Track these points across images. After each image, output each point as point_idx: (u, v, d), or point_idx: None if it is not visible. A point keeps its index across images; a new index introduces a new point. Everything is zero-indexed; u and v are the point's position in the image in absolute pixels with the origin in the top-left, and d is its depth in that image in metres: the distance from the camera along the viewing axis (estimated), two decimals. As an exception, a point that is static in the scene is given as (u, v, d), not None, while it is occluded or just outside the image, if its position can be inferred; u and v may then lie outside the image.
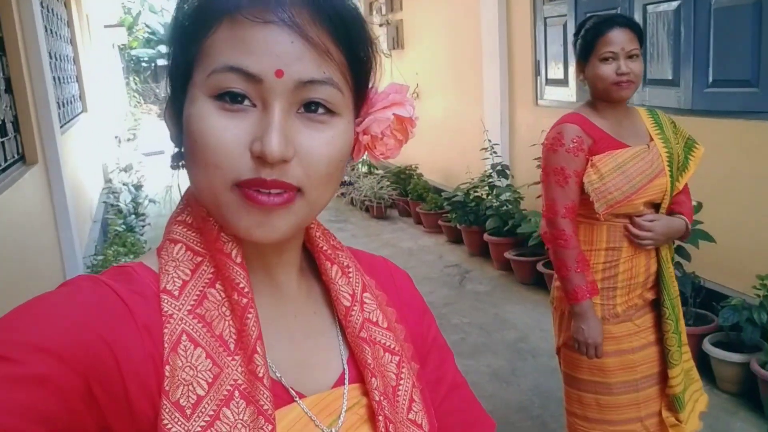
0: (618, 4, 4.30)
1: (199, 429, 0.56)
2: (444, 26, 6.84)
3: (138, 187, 7.94)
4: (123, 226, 5.95)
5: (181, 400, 0.57)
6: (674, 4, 3.84)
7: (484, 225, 5.40)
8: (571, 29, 4.73)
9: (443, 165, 7.21)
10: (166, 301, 0.60)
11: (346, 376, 0.70)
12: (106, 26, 15.07)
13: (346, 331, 0.72)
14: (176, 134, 0.67)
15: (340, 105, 0.63)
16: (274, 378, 0.65)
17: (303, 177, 0.61)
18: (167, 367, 0.57)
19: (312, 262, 0.75)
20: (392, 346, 0.73)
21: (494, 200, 5.46)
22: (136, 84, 26.76)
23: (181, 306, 0.60)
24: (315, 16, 0.60)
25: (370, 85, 0.69)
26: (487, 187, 5.59)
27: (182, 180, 0.69)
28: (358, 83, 0.66)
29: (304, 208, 0.63)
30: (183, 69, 0.63)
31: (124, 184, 7.99)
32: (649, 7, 4.07)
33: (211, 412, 0.57)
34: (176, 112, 0.65)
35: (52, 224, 4.13)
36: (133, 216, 6.56)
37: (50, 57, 5.23)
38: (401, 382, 0.72)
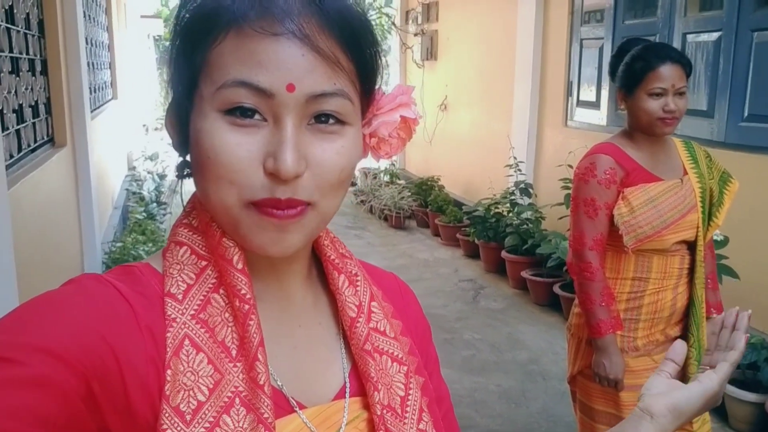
0: (657, 32, 4.26)
1: None
2: (478, 40, 6.83)
3: (162, 176, 7.99)
4: (144, 214, 5.99)
5: (182, 406, 0.56)
6: (714, 35, 3.80)
7: (503, 242, 5.36)
8: (608, 52, 4.70)
9: (466, 178, 7.18)
10: (169, 304, 0.60)
11: (347, 389, 0.70)
12: (142, 16, 15.27)
13: (350, 343, 0.71)
14: (179, 142, 0.66)
15: (350, 114, 0.62)
16: (275, 387, 0.64)
17: (315, 190, 0.61)
18: (169, 372, 0.57)
19: (321, 271, 0.74)
20: (399, 356, 0.72)
21: (515, 218, 5.43)
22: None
23: (184, 310, 0.60)
24: (324, 25, 0.59)
25: (376, 89, 0.68)
26: (508, 204, 5.56)
27: (186, 188, 0.69)
28: (366, 89, 0.65)
29: (316, 218, 0.63)
30: (187, 78, 0.61)
31: (148, 173, 8.04)
32: (689, 37, 4.03)
33: (211, 419, 0.57)
34: (180, 119, 0.64)
35: (74, 208, 4.16)
36: (155, 204, 6.60)
37: (86, 42, 5.29)
38: (410, 392, 0.71)
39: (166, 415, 0.56)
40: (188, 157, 0.66)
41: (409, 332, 0.77)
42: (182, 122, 0.64)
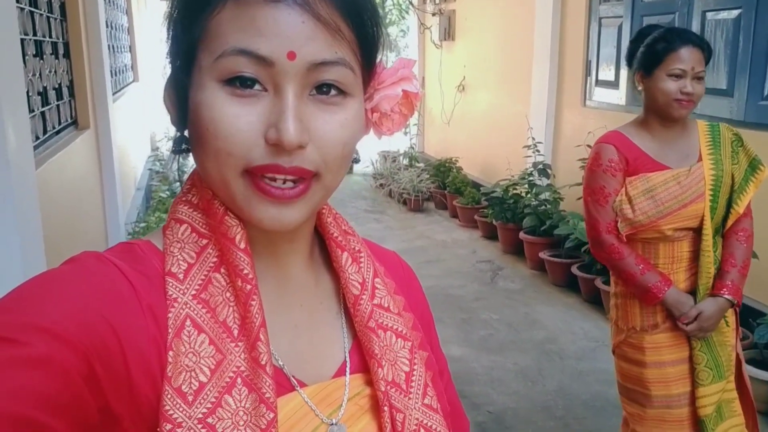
0: (677, 10, 4.21)
1: (200, 415, 0.56)
2: (496, 19, 6.79)
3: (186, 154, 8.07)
4: (167, 193, 6.08)
5: (183, 387, 0.56)
6: (734, 13, 3.76)
7: (521, 223, 5.37)
8: (627, 31, 4.66)
9: (483, 160, 7.17)
10: (171, 284, 0.60)
11: (347, 366, 0.70)
12: (161, -1, 15.28)
13: (354, 320, 0.71)
14: (178, 118, 0.64)
15: (352, 85, 0.61)
16: (276, 366, 0.64)
17: (320, 161, 0.60)
18: (170, 353, 0.57)
19: (324, 249, 0.74)
20: (404, 331, 0.72)
21: (533, 199, 5.43)
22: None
23: (185, 290, 0.60)
24: None
25: (378, 61, 0.67)
26: (526, 185, 5.56)
27: (183, 164, 0.69)
28: (367, 60, 0.64)
29: (320, 192, 0.62)
30: (186, 50, 0.60)
31: (171, 152, 8.13)
32: (709, 14, 3.98)
33: (213, 399, 0.57)
34: (179, 94, 0.63)
35: (98, 189, 4.24)
36: (178, 183, 6.68)
37: (107, 26, 5.35)
38: (415, 367, 0.71)
39: (168, 396, 0.55)
40: (186, 133, 0.65)
41: (411, 307, 0.77)
42: (181, 97, 0.63)
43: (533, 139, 5.54)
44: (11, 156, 1.95)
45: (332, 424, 0.65)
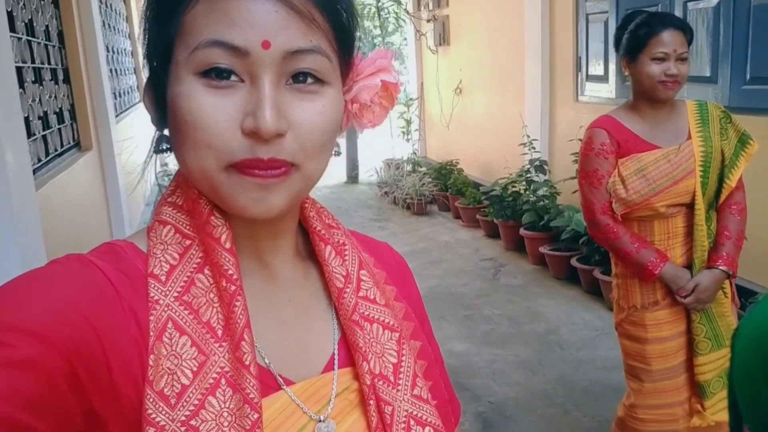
0: (659, 1, 4.29)
1: (183, 418, 0.56)
2: (488, 22, 6.88)
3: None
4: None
5: (165, 390, 0.56)
6: (714, 1, 3.83)
7: (521, 220, 5.44)
8: (613, 26, 4.73)
9: (483, 160, 7.26)
10: (153, 286, 0.59)
11: (335, 361, 0.69)
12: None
13: (338, 314, 0.70)
14: (158, 117, 0.65)
15: (329, 73, 0.61)
16: (262, 365, 0.64)
17: (298, 151, 0.60)
18: (151, 357, 0.57)
19: (310, 244, 0.74)
20: (391, 323, 0.71)
21: (531, 195, 5.50)
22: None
23: (167, 292, 0.59)
24: None
25: (355, 53, 0.67)
26: (524, 183, 5.63)
27: (157, 165, 0.69)
28: (344, 50, 0.64)
29: (300, 181, 0.62)
30: (162, 48, 0.61)
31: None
32: (690, 4, 4.05)
33: (196, 401, 0.56)
34: (157, 92, 0.64)
35: (104, 206, 4.38)
36: (158, 188, 6.82)
37: (107, 50, 5.51)
38: (403, 359, 0.70)
39: (150, 399, 0.55)
40: (167, 132, 0.65)
41: (404, 297, 0.77)
42: (159, 95, 0.63)
43: (528, 136, 5.62)
44: (11, 178, 2.07)
45: (320, 420, 0.64)
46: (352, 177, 9.38)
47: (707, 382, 2.20)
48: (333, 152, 0.67)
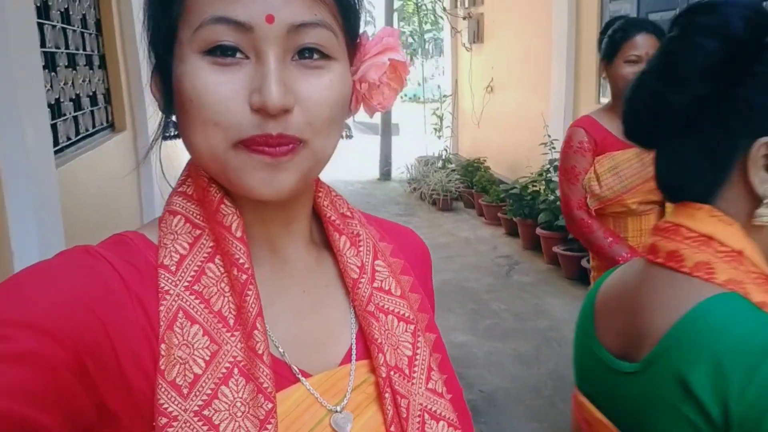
0: (678, 5, 4.31)
1: (196, 408, 0.55)
2: (520, 20, 6.94)
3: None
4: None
5: (178, 379, 0.55)
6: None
7: (538, 219, 5.51)
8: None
9: (510, 158, 7.32)
10: (163, 276, 0.59)
11: (353, 353, 0.68)
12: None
13: (354, 305, 0.69)
14: (165, 103, 0.64)
15: (334, 48, 0.61)
16: (277, 356, 0.63)
17: (306, 126, 0.59)
18: (163, 346, 0.56)
19: (323, 232, 0.72)
20: (406, 314, 0.70)
21: (549, 194, 5.57)
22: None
23: (178, 282, 0.59)
24: None
25: (361, 31, 0.67)
26: (543, 182, 5.70)
27: (166, 155, 0.69)
28: (349, 26, 0.63)
29: (310, 159, 0.60)
30: (166, 30, 0.60)
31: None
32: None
33: (209, 391, 0.56)
34: (163, 76, 0.63)
35: (135, 185, 4.64)
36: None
37: (147, 38, 5.80)
38: (418, 351, 0.69)
39: (162, 389, 0.55)
40: (174, 118, 0.64)
41: (421, 286, 0.75)
42: (166, 81, 0.62)
43: (549, 136, 5.68)
44: (31, 154, 2.30)
45: (337, 411, 0.63)
46: (384, 174, 9.54)
47: None
48: (343, 134, 0.66)
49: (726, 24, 0.78)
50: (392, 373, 0.66)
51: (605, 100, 5.33)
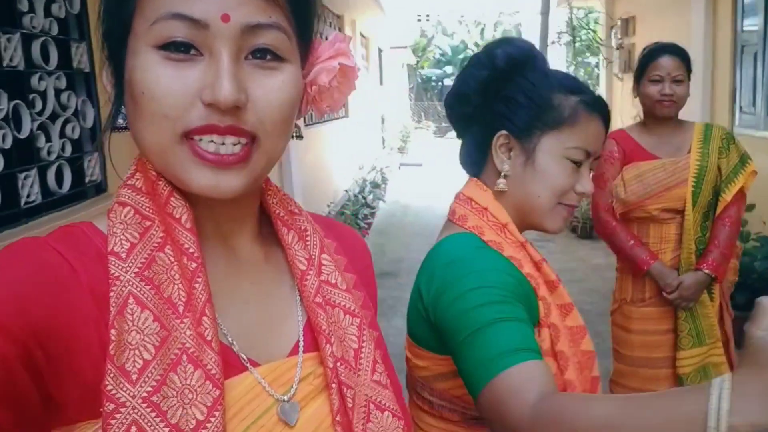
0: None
1: (145, 394, 0.54)
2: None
3: (376, 185, 9.22)
4: (350, 212, 7.21)
5: (127, 365, 0.55)
6: None
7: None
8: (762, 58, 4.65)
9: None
10: (113, 263, 0.58)
11: (301, 345, 0.69)
12: (392, 47, 17.12)
13: (302, 296, 0.70)
14: (115, 95, 0.65)
15: (288, 50, 0.62)
16: (226, 344, 0.63)
17: (257, 123, 0.60)
18: (113, 331, 0.55)
19: (272, 228, 0.74)
20: (352, 308, 0.72)
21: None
22: (423, 100, 29.27)
23: (128, 268, 0.58)
24: None
25: (314, 34, 0.68)
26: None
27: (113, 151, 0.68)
28: (302, 30, 0.65)
29: (261, 159, 0.62)
30: (121, 22, 0.61)
31: (365, 180, 9.37)
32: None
33: (158, 377, 0.55)
34: (116, 68, 0.63)
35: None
36: (362, 206, 7.81)
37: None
38: (363, 344, 0.70)
39: (111, 375, 0.54)
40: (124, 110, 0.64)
41: (363, 285, 0.77)
42: (119, 73, 0.63)
43: (678, 165, 5.61)
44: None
45: (284, 401, 0.64)
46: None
47: (686, 375, 2.45)
48: (293, 134, 0.67)
49: (492, 59, 1.13)
50: (339, 364, 0.67)
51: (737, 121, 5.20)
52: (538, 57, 1.16)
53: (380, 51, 14.62)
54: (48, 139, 2.30)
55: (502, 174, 1.12)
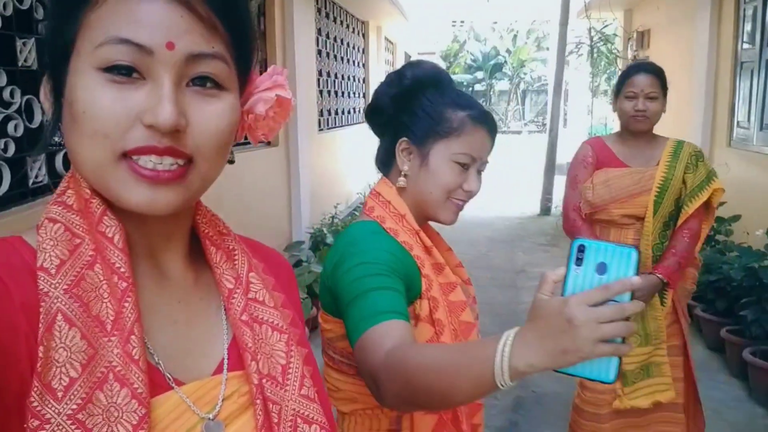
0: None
1: (70, 411, 0.55)
2: (679, 65, 6.96)
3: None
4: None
5: (53, 382, 0.55)
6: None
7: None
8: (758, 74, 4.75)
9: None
10: (42, 278, 0.58)
11: (225, 363, 0.70)
12: (420, 53, 17.33)
13: (228, 314, 0.71)
14: (54, 110, 0.65)
15: (228, 80, 0.64)
16: (153, 363, 0.64)
17: (194, 147, 0.62)
18: (41, 348, 0.55)
19: (201, 250, 0.75)
20: (280, 324, 0.73)
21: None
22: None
23: (57, 284, 0.58)
24: None
25: (252, 65, 0.70)
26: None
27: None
28: (242, 61, 0.67)
29: (197, 181, 0.64)
30: (64, 41, 0.61)
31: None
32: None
33: (84, 395, 0.55)
34: (55, 85, 0.64)
35: (285, 196, 5.65)
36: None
37: (320, 74, 6.93)
38: (291, 359, 0.71)
39: (37, 391, 0.54)
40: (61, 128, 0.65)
41: (291, 304, 0.78)
42: (58, 91, 0.63)
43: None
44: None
45: (209, 419, 0.65)
46: (545, 210, 9.79)
47: (629, 372, 2.58)
48: (227, 159, 0.69)
49: (401, 79, 1.34)
50: (264, 380, 0.68)
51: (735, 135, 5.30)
52: (442, 78, 1.35)
53: (407, 56, 14.85)
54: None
55: (403, 173, 1.32)
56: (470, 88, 29.79)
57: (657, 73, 2.56)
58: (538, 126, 26.95)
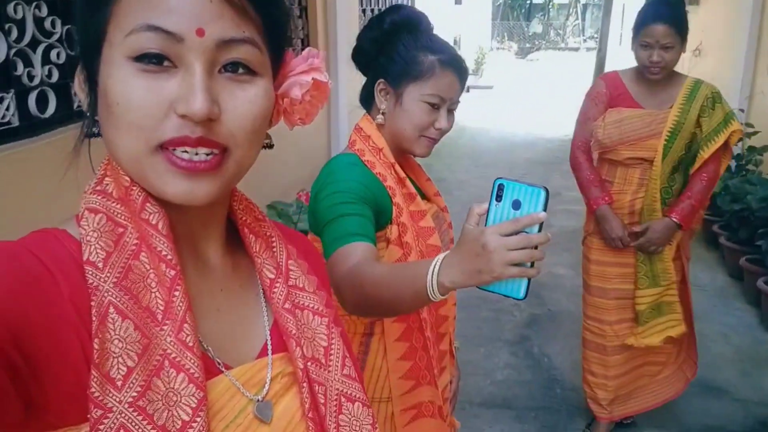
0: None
1: (130, 399, 0.56)
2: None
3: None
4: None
5: (112, 372, 0.56)
6: None
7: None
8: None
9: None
10: (91, 273, 0.59)
11: (269, 347, 0.72)
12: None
13: (271, 303, 0.73)
14: (90, 101, 0.65)
15: (260, 65, 0.63)
16: (202, 349, 0.65)
17: (229, 135, 0.61)
18: (96, 340, 0.56)
19: (237, 235, 0.75)
20: (320, 309, 0.75)
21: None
22: (509, 19, 28.39)
23: (106, 278, 0.59)
24: None
25: (287, 48, 0.70)
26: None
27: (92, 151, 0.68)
28: (274, 44, 0.66)
29: (232, 168, 0.63)
30: (95, 31, 0.61)
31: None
32: None
33: (143, 382, 0.57)
34: (89, 76, 0.64)
35: (325, 127, 5.79)
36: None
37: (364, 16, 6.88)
38: (332, 341, 0.74)
39: (97, 381, 0.55)
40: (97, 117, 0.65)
41: (323, 286, 0.81)
42: (92, 80, 0.64)
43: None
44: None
45: (259, 400, 0.68)
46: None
47: (641, 312, 2.70)
48: (265, 143, 0.69)
49: (381, 23, 1.43)
50: (309, 363, 0.71)
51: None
52: (418, 22, 1.45)
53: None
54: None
55: (381, 111, 1.45)
56: (528, 2, 28.65)
57: (673, 21, 2.44)
58: (597, 43, 25.69)
